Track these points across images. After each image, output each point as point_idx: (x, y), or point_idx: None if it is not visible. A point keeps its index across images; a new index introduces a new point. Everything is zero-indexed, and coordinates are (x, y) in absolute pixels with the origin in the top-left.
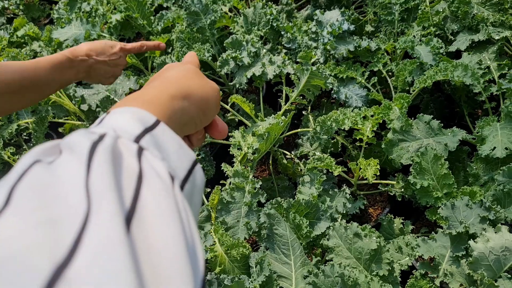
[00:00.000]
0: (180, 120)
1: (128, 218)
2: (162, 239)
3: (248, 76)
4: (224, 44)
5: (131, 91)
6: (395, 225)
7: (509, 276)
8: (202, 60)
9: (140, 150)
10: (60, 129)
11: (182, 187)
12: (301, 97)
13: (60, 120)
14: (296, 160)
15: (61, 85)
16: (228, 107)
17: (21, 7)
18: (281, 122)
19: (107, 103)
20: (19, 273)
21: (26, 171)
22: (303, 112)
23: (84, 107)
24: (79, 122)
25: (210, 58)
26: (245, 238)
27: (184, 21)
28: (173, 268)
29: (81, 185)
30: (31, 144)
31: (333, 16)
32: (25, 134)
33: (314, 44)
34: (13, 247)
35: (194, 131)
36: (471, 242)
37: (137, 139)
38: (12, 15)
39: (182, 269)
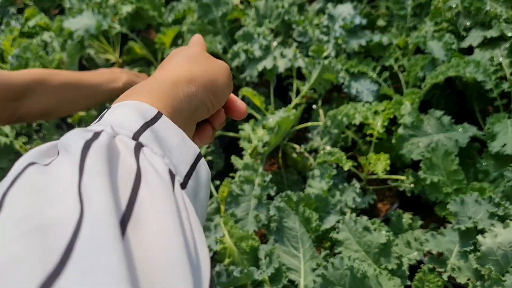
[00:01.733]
0: (189, 106)
1: (124, 221)
2: (159, 244)
3: (260, 69)
4: (235, 37)
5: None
6: (404, 220)
7: None
8: (213, 53)
9: (139, 147)
10: (69, 120)
11: (185, 183)
12: (312, 91)
13: None
14: (306, 154)
15: (112, 92)
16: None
17: None
18: (292, 116)
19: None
20: (5, 287)
21: (20, 174)
22: (313, 106)
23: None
24: (86, 113)
25: (222, 50)
26: (254, 231)
27: (195, 13)
28: (170, 276)
29: (74, 187)
30: (41, 134)
31: (345, 10)
32: (35, 125)
33: (326, 38)
34: None
35: (208, 115)
36: (479, 237)
37: (136, 135)
38: (23, 5)
39: (180, 276)
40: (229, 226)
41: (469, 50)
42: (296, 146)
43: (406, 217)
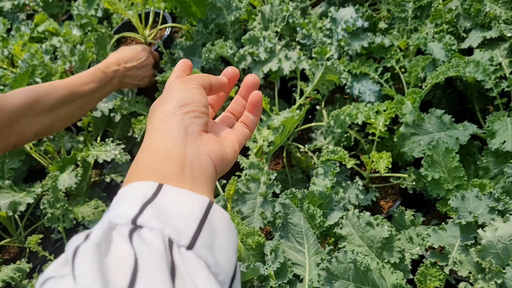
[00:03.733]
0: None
1: None
2: None
3: (265, 71)
4: (242, 41)
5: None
6: (406, 216)
7: None
8: (223, 57)
9: (134, 230)
10: (79, 123)
11: (193, 242)
12: (316, 92)
13: None
14: (310, 154)
15: (102, 95)
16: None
17: (40, 3)
18: (296, 116)
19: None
20: None
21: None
22: (317, 107)
23: (97, 113)
24: (95, 114)
25: (232, 55)
26: (260, 228)
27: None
28: None
29: None
30: (51, 136)
31: (347, 13)
32: None
33: (329, 41)
34: None
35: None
36: (479, 231)
37: (135, 219)
38: (32, 11)
39: None
40: (236, 223)
41: (469, 51)
42: (300, 146)
43: (408, 214)
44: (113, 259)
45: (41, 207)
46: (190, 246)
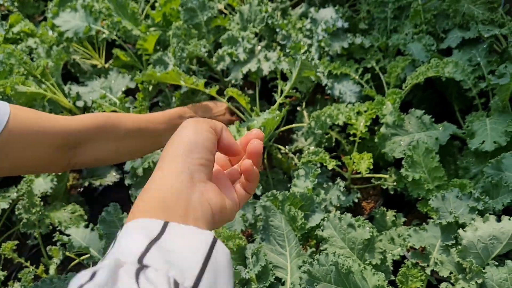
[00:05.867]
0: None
1: None
2: None
3: (244, 72)
4: (220, 41)
5: (127, 88)
6: (387, 217)
7: (496, 263)
8: (198, 56)
9: (141, 270)
10: None
11: (197, 283)
12: (295, 90)
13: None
14: (291, 155)
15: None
16: (224, 100)
17: (15, 3)
18: (276, 117)
19: (102, 101)
20: None
21: None
22: (298, 108)
23: (80, 103)
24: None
25: (206, 54)
26: (241, 231)
27: (180, 17)
28: None
29: None
30: None
31: (327, 13)
32: None
33: (309, 41)
34: None
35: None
36: (460, 231)
37: (141, 258)
38: (6, 12)
39: None
40: None
41: (448, 51)
42: (281, 147)
43: (390, 215)
44: None
45: (16, 213)
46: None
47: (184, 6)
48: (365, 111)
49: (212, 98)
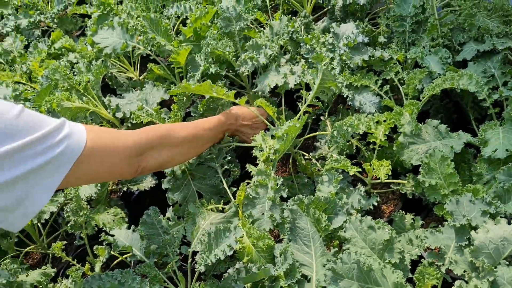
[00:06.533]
0: None
1: None
2: None
3: (272, 86)
4: (246, 47)
5: (162, 100)
6: (406, 220)
7: (507, 263)
8: (225, 58)
9: None
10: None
11: None
12: (317, 100)
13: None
14: (314, 161)
15: (214, 141)
16: (253, 110)
17: (55, 20)
18: (297, 124)
19: (140, 112)
20: None
21: None
22: (321, 118)
23: (119, 114)
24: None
25: (233, 58)
26: (270, 230)
27: (217, 25)
28: None
29: None
30: None
31: (348, 28)
32: None
33: (331, 55)
34: None
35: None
36: (472, 233)
37: None
38: (46, 28)
39: None
40: (247, 227)
41: (464, 63)
42: (305, 153)
43: (408, 218)
44: None
45: (64, 215)
46: None
47: (222, 15)
48: (384, 121)
49: (234, 103)
